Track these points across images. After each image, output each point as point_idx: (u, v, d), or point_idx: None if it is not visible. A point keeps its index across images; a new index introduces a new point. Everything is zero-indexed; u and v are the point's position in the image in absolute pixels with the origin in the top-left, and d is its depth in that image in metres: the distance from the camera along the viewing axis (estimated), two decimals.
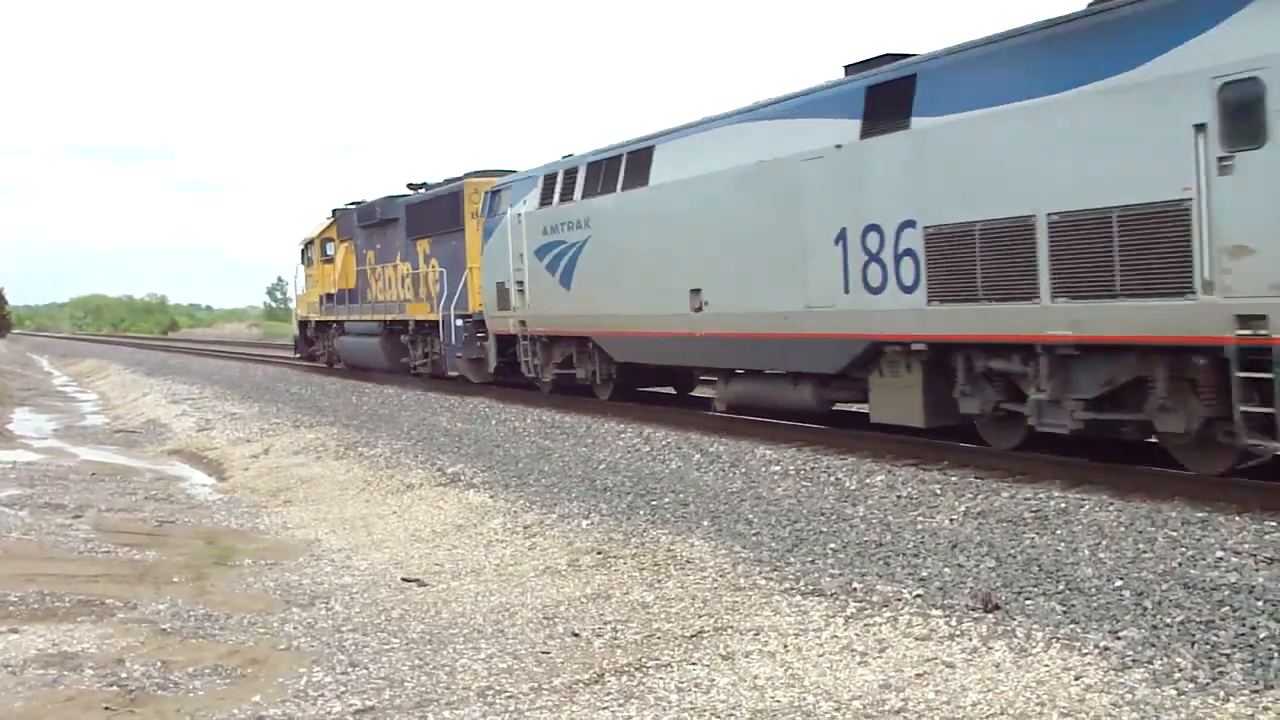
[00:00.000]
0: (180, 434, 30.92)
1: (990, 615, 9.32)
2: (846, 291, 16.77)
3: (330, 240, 41.66)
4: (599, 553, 12.97)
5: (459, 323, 30.49)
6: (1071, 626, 8.87)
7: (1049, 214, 13.62)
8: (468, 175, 31.51)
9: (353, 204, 40.23)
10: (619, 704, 8.41)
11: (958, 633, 9.05)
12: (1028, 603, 9.54)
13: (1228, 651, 8.07)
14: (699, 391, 26.12)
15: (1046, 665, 8.20)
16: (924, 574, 10.65)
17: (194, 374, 48.49)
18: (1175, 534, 11.04)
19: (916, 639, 9.05)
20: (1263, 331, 11.54)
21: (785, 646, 9.21)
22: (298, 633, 10.98)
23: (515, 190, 27.09)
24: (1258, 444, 11.98)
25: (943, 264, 15.14)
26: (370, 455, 21.98)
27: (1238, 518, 11.41)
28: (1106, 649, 8.34)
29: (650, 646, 9.64)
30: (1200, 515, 11.58)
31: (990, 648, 8.66)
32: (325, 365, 43.38)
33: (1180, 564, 10.17)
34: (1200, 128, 12.00)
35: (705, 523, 13.60)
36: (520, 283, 26.43)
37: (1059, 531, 11.64)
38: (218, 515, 18.23)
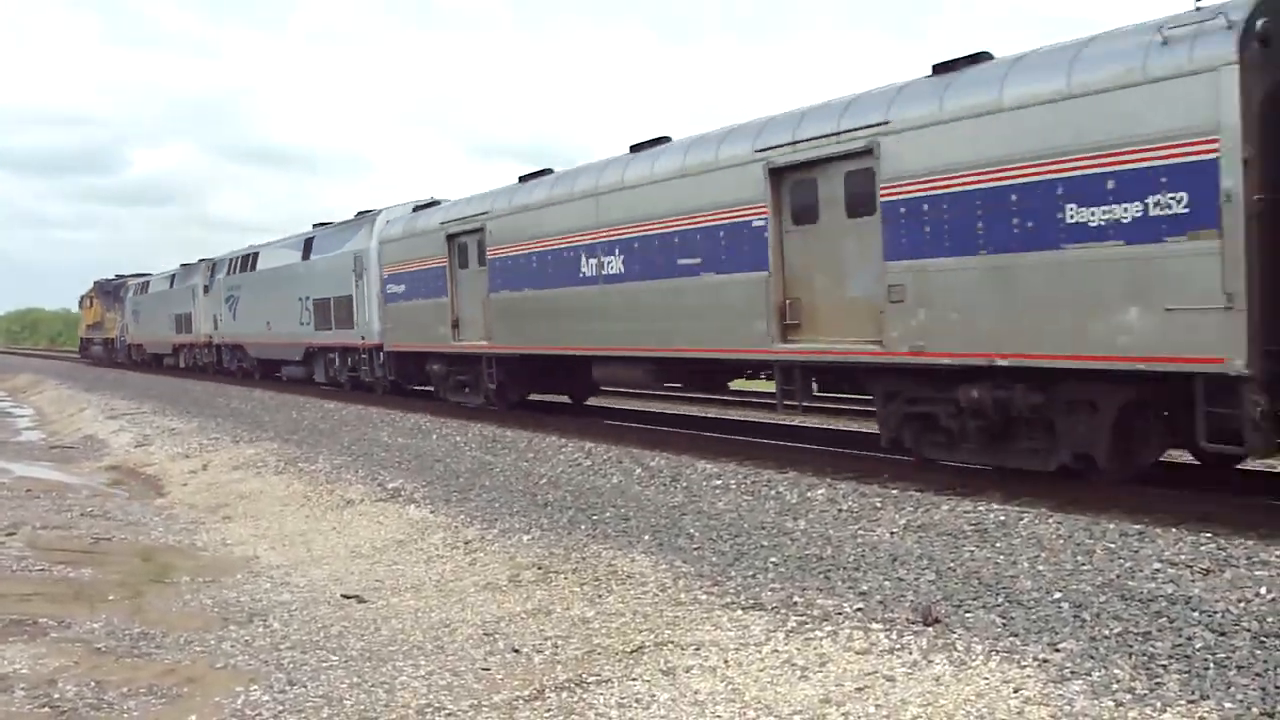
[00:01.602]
0: (118, 449, 30.62)
1: (930, 628, 9.35)
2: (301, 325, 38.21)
3: (93, 297, 76.71)
4: (540, 568, 12.93)
5: (123, 339, 68.15)
6: (1011, 639, 8.91)
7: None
8: (130, 276, 68.49)
9: (100, 280, 75.13)
10: None
11: (898, 646, 9.07)
12: (967, 615, 9.57)
13: (1165, 662, 8.12)
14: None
15: (986, 678, 8.23)
16: (864, 587, 10.66)
17: (132, 388, 48.00)
18: (1113, 546, 11.10)
19: (857, 653, 9.06)
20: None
21: (726, 661, 9.20)
22: (235, 651, 10.88)
23: (221, 264, 49.09)
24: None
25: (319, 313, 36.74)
26: (310, 470, 21.83)
27: (1174, 529, 11.51)
28: (1045, 661, 8.38)
29: (591, 662, 9.61)
30: (1137, 527, 11.66)
31: (930, 661, 8.68)
32: (90, 359, 76.82)
33: (1118, 576, 10.23)
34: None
35: (646, 537, 13.58)
36: (218, 315, 49.17)
37: (999, 544, 11.69)
38: (155, 532, 18.04)
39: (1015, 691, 7.92)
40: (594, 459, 19.08)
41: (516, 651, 10.17)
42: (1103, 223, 12.55)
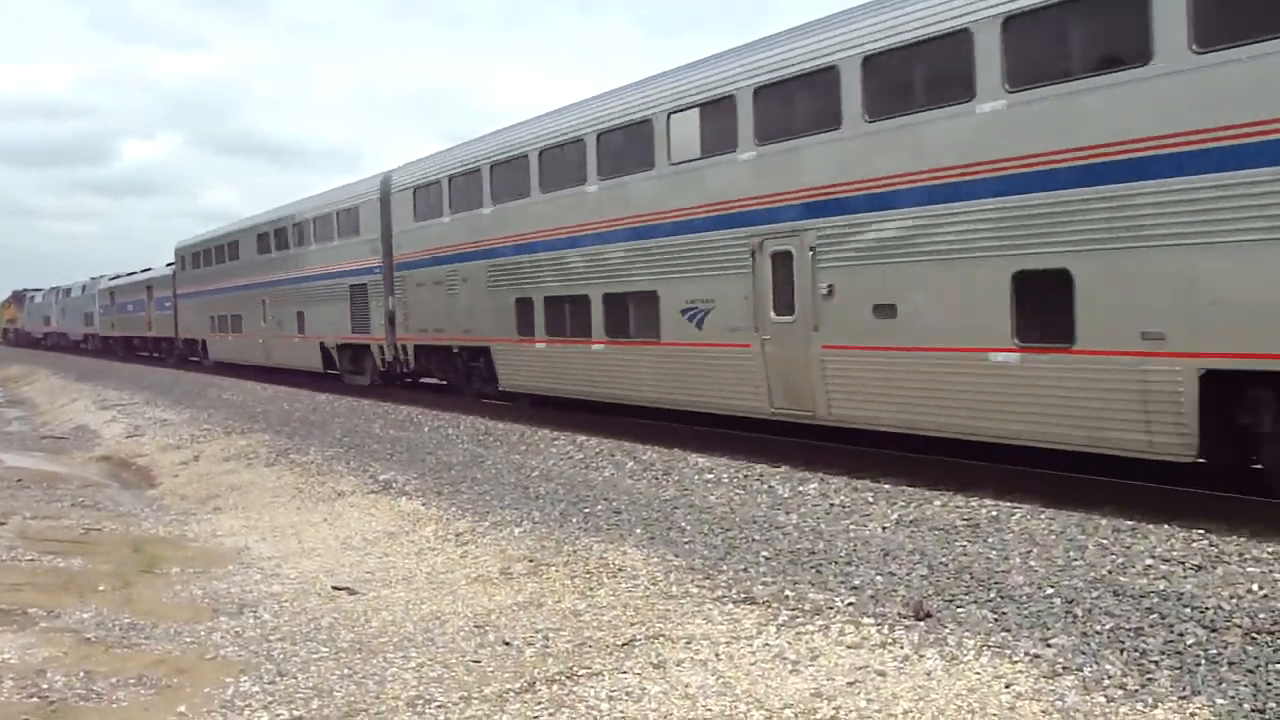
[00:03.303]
0: (109, 440, 30.60)
1: (922, 623, 9.34)
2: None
3: (11, 303, 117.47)
4: (531, 560, 12.91)
5: (23, 329, 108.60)
6: (1003, 634, 8.91)
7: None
8: (31, 290, 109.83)
9: (16, 290, 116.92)
10: (550, 713, 8.35)
11: (889, 641, 9.06)
12: (959, 610, 9.56)
13: (1156, 658, 8.12)
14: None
15: (978, 673, 8.22)
16: (856, 582, 10.65)
17: (125, 379, 47.96)
18: (1105, 541, 11.12)
19: (848, 647, 9.05)
20: None
21: (717, 655, 9.18)
22: (225, 642, 10.83)
23: (59, 291, 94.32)
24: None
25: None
26: (302, 462, 21.81)
27: (1167, 525, 11.52)
28: (1037, 656, 8.37)
29: (582, 655, 9.58)
30: (1130, 523, 11.67)
31: (922, 656, 8.67)
32: (7, 343, 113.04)
33: (1110, 571, 10.24)
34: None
35: (638, 530, 13.56)
36: (52, 317, 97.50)
37: (990, 539, 11.69)
38: (146, 523, 17.99)
39: (1007, 687, 7.91)
40: (585, 452, 19.07)
41: (507, 644, 10.14)
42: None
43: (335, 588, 12.86)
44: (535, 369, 23.95)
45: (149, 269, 66.34)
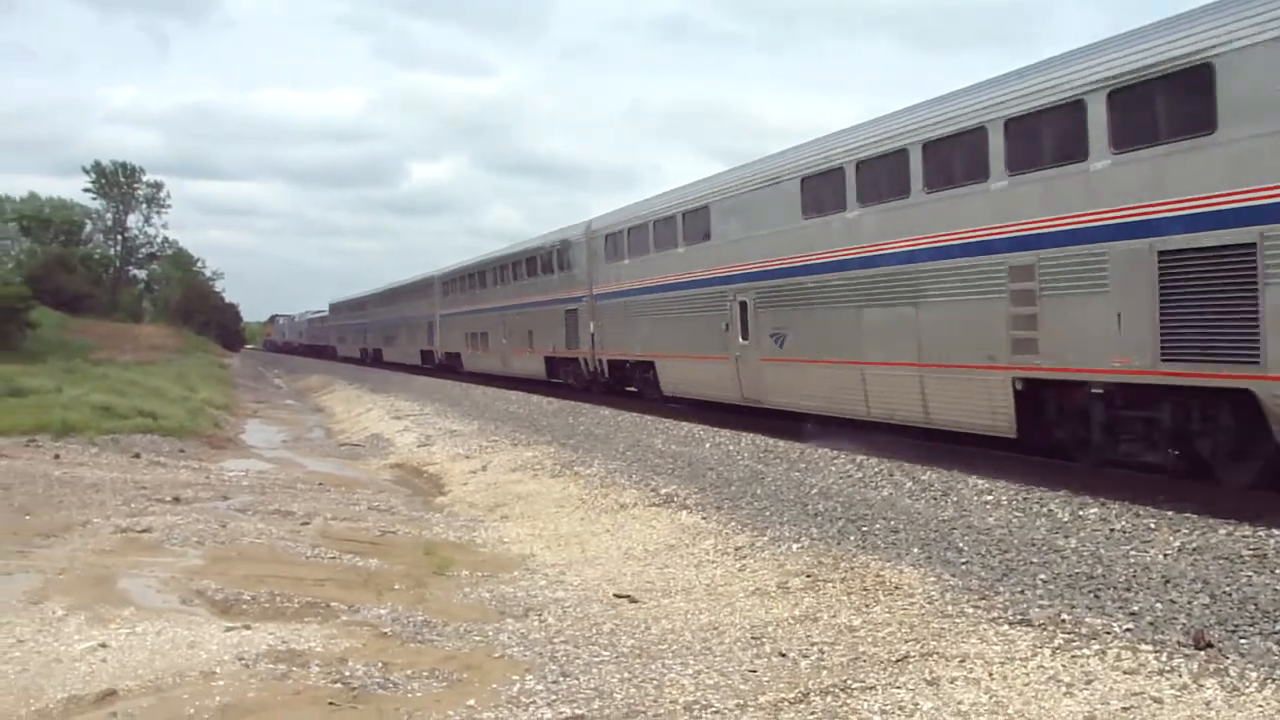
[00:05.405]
0: (402, 449, 31.82)
1: (1202, 653, 9.18)
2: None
3: (269, 322, 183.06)
4: (808, 576, 13.05)
5: (276, 341, 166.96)
6: None
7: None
8: (279, 315, 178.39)
9: (273, 314, 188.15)
10: None
11: (1167, 669, 8.94)
12: (1242, 641, 9.37)
13: None
14: None
15: (1260, 706, 8.05)
16: (1135, 608, 10.51)
17: (415, 391, 49.67)
18: None
19: (1124, 673, 8.95)
20: None
21: (991, 675, 9.20)
22: (511, 642, 11.30)
23: (290, 317, 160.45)
24: None
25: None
26: (586, 474, 22.35)
27: None
28: None
29: (856, 669, 9.71)
30: None
31: (1201, 685, 8.53)
32: (265, 350, 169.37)
33: None
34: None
35: (915, 550, 13.58)
36: (280, 333, 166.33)
37: (1279, 571, 11.37)
38: (437, 528, 18.75)
39: None
40: (865, 471, 19.10)
41: (783, 655, 10.32)
42: None
43: (617, 595, 13.24)
44: None
45: (323, 310, 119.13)
